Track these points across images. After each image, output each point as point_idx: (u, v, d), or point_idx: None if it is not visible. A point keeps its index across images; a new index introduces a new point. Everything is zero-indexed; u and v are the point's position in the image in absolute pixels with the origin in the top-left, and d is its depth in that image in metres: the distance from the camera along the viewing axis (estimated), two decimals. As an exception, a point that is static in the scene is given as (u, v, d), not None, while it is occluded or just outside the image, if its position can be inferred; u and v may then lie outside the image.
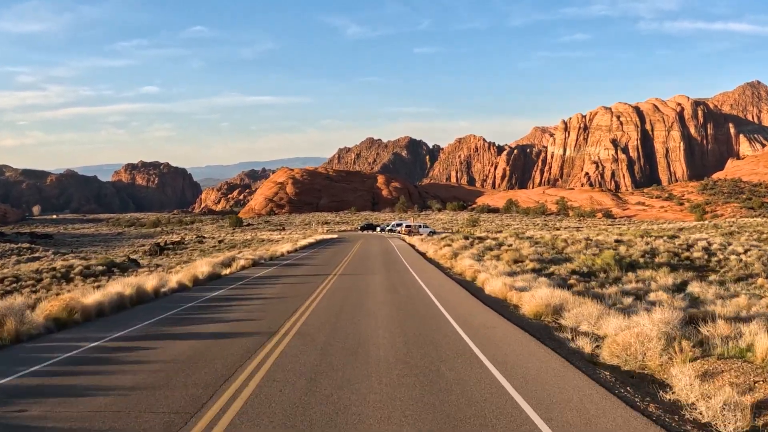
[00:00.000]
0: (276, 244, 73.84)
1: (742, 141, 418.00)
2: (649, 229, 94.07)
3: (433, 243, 52.34)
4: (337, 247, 63.16)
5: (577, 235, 62.16)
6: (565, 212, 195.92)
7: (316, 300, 22.08)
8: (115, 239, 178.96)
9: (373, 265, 37.67)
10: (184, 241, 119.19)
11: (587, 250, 41.30)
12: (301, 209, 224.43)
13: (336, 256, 46.81)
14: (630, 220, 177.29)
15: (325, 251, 55.24)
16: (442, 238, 55.45)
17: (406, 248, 56.06)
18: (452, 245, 44.93)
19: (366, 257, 45.20)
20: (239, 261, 39.00)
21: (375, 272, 32.44)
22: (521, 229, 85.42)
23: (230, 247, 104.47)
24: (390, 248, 56.59)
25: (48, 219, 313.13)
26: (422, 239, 59.81)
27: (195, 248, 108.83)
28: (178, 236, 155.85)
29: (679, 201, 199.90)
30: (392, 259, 42.74)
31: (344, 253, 51.12)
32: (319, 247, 62.97)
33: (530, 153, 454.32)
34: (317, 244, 72.30)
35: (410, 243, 63.62)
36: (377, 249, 56.22)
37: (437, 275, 31.14)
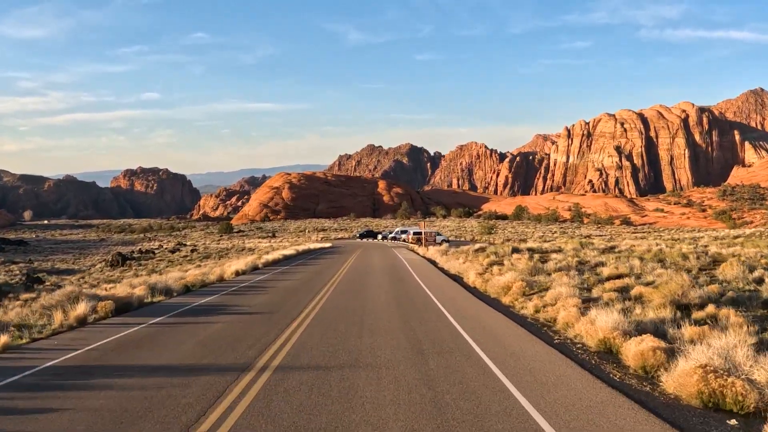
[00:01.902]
0: (239, 258, 54.68)
1: (748, 148, 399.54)
2: (695, 236, 75.20)
3: (463, 258, 33.48)
4: (323, 262, 44.24)
5: (646, 244, 43.38)
6: (579, 219, 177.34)
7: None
8: (94, 246, 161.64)
9: (375, 313, 18.44)
10: (154, 250, 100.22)
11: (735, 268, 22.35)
12: (297, 215, 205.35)
13: (311, 283, 27.85)
14: (652, 227, 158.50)
15: (300, 271, 36.01)
16: (476, 250, 36.36)
17: (423, 266, 37.12)
18: (505, 263, 25.96)
19: (361, 287, 26.06)
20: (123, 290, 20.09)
21: (380, 352, 13.29)
22: (568, 237, 66.39)
23: (203, 258, 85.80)
24: (399, 265, 37.67)
25: (39, 224, 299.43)
26: (443, 252, 40.81)
27: (164, 258, 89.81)
28: (159, 243, 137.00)
29: (701, 207, 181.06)
30: (410, 290, 23.82)
31: (329, 273, 32.32)
32: (297, 263, 44.01)
33: (532, 160, 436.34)
34: (299, 256, 53.14)
35: (426, 256, 44.76)
36: (380, 266, 37.47)
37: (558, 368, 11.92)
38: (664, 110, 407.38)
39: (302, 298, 21.80)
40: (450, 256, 36.41)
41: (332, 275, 31.03)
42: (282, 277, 31.89)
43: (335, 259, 45.67)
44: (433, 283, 26.35)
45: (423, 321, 16.21)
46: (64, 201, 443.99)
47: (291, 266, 39.82)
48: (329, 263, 41.38)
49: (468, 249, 37.30)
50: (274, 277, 31.97)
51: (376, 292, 22.97)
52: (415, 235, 74.50)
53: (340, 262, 41.67)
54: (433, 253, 42.91)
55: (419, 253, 50.51)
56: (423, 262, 40.11)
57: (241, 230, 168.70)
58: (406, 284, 26.26)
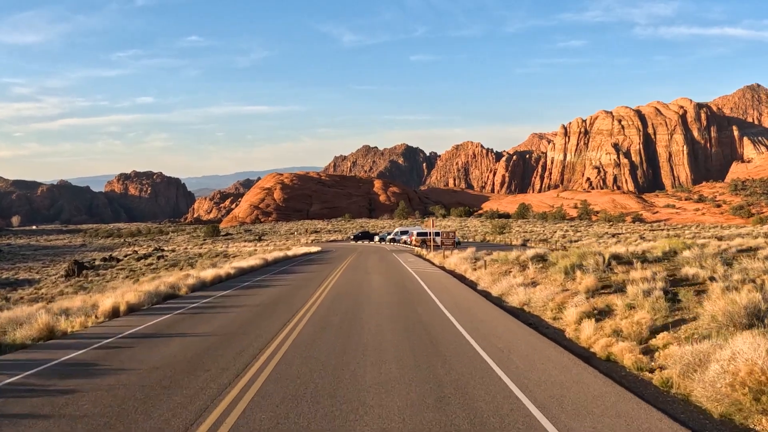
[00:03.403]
0: (176, 273, 40.71)
1: (746, 144, 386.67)
2: (740, 233, 61.77)
3: (518, 273, 19.70)
4: (291, 280, 30.31)
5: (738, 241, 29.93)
6: (587, 216, 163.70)
7: None
8: (73, 251, 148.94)
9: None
10: (118, 258, 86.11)
11: None
12: (289, 217, 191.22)
13: (251, 327, 13.95)
14: (667, 224, 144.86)
15: (234, 308, 21.91)
16: (535, 259, 21.99)
17: (453, 289, 22.54)
18: (629, 291, 12.25)
19: (335, 383, 10.78)
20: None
21: None
22: (634, 236, 52.62)
23: (170, 265, 71.82)
24: (414, 288, 23.16)
25: (27, 230, 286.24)
26: (469, 259, 26.85)
27: (126, 266, 75.74)
28: (134, 249, 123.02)
29: (716, 203, 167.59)
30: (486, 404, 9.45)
31: (281, 314, 18.39)
32: (252, 281, 30.17)
33: (529, 159, 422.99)
34: (266, 268, 39.13)
35: (444, 267, 30.79)
36: (381, 288, 23.58)
37: None
38: (662, 107, 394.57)
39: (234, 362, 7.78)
40: (488, 268, 22.54)
41: (283, 324, 16.90)
42: (217, 313, 18.00)
43: (312, 275, 31.74)
44: (532, 365, 10.85)
45: None
46: (57, 206, 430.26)
47: (233, 292, 25.74)
48: (300, 282, 27.57)
49: (512, 257, 23.51)
50: (208, 308, 18.07)
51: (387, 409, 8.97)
52: (420, 237, 60.59)
53: (316, 281, 27.79)
54: (457, 262, 29.01)
55: (431, 260, 36.62)
56: (446, 278, 26.10)
57: (229, 233, 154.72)
58: (460, 364, 11.10)
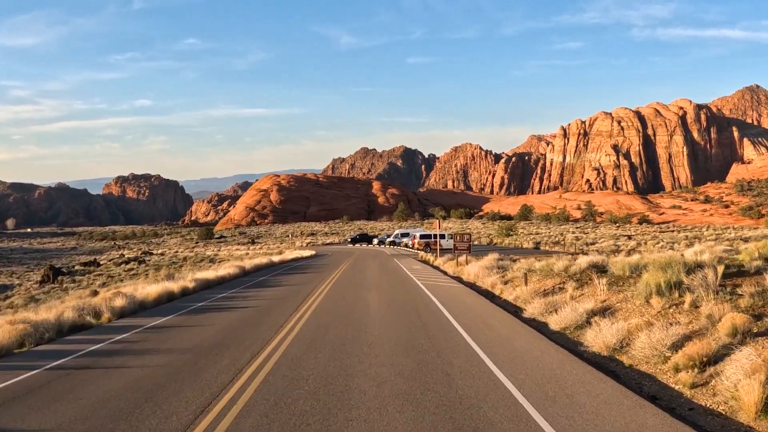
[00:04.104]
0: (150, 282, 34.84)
1: (747, 145, 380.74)
2: (764, 234, 55.79)
3: (575, 290, 13.59)
4: (271, 295, 24.17)
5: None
6: (592, 218, 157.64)
7: None
8: (63, 254, 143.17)
9: None
10: (99, 262, 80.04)
11: None
12: (286, 219, 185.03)
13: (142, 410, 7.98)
14: (676, 225, 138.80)
15: (197, 328, 15.64)
16: (595, 270, 15.58)
17: (476, 307, 16.17)
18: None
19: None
20: None
21: None
22: (648, 239, 46.55)
23: (152, 270, 65.84)
24: (432, 317, 16.20)
25: (21, 232, 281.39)
26: (493, 269, 20.67)
27: (104, 272, 69.62)
28: (121, 253, 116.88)
29: (724, 204, 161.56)
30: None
31: (245, 352, 12.36)
32: (225, 294, 24.01)
33: (528, 160, 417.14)
34: (245, 276, 32.96)
35: (462, 278, 24.43)
36: (387, 312, 17.34)
37: None
38: (662, 108, 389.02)
39: None
40: (529, 284, 16.22)
41: (206, 404, 10.56)
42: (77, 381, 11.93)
43: (291, 291, 25.32)
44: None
45: None
46: (55, 209, 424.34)
47: (171, 320, 19.44)
48: (270, 304, 21.20)
49: (558, 267, 17.20)
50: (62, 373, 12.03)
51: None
52: (423, 239, 54.45)
53: (293, 302, 21.43)
54: (477, 272, 22.75)
55: (440, 268, 30.45)
56: (471, 297, 19.39)
57: (223, 236, 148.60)
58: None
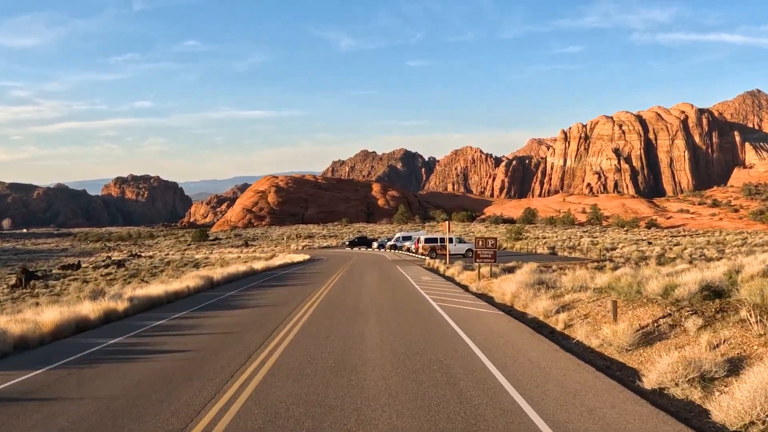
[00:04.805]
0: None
1: (748, 149, 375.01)
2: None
3: (682, 324, 7.78)
4: (224, 325, 18.22)
5: None
6: (598, 221, 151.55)
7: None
8: (52, 255, 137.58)
9: None
10: (75, 265, 74.07)
11: None
12: (284, 221, 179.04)
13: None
14: (685, 229, 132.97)
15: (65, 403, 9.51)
16: (693, 297, 9.71)
17: (560, 375, 9.60)
18: None
19: None
20: None
21: None
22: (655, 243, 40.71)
23: (130, 276, 59.81)
24: (490, 406, 7.99)
25: (17, 233, 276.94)
26: (550, 296, 14.19)
27: (80, 277, 63.62)
28: (106, 255, 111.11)
29: (733, 208, 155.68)
30: None
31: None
32: (160, 322, 17.94)
33: (529, 164, 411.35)
34: (210, 290, 26.96)
35: (484, 294, 18.32)
36: (397, 381, 11.42)
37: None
38: (663, 112, 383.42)
39: None
40: (621, 322, 10.15)
41: None
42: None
43: (259, 317, 18.72)
44: None
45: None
46: (54, 209, 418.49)
47: (43, 375, 13.53)
48: (217, 345, 14.97)
49: (653, 289, 11.25)
50: None
51: None
52: (428, 243, 48.57)
53: (250, 344, 15.40)
54: (517, 291, 16.42)
55: (454, 279, 24.44)
56: (525, 338, 11.95)
57: (218, 238, 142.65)
58: None
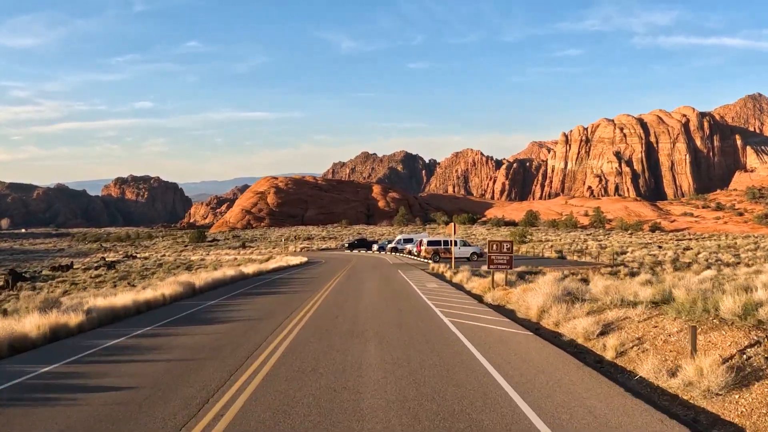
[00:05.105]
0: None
1: (750, 153, 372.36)
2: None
3: None
4: (177, 358, 15.44)
5: None
6: (601, 224, 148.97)
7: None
8: (46, 256, 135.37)
9: None
10: (65, 266, 71.53)
11: None
12: (283, 222, 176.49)
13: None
14: (690, 232, 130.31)
15: None
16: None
17: None
18: None
19: None
20: None
21: None
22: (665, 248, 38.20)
23: (119, 278, 57.34)
24: None
25: (15, 232, 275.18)
26: (594, 320, 11.32)
27: (68, 279, 61.07)
28: (101, 256, 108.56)
29: (738, 211, 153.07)
30: None
31: None
32: (104, 345, 15.05)
33: (529, 167, 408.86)
34: (186, 299, 24.37)
35: (500, 305, 15.47)
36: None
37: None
38: (665, 115, 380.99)
39: None
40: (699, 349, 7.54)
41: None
42: None
43: (236, 333, 15.58)
44: None
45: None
46: (53, 209, 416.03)
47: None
48: (166, 384, 12.51)
49: (728, 307, 8.62)
50: None
51: None
52: (431, 246, 46.08)
53: (189, 395, 12.80)
54: (544, 304, 12.91)
55: (468, 289, 21.65)
56: (571, 374, 9.93)
57: (216, 239, 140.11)
58: None
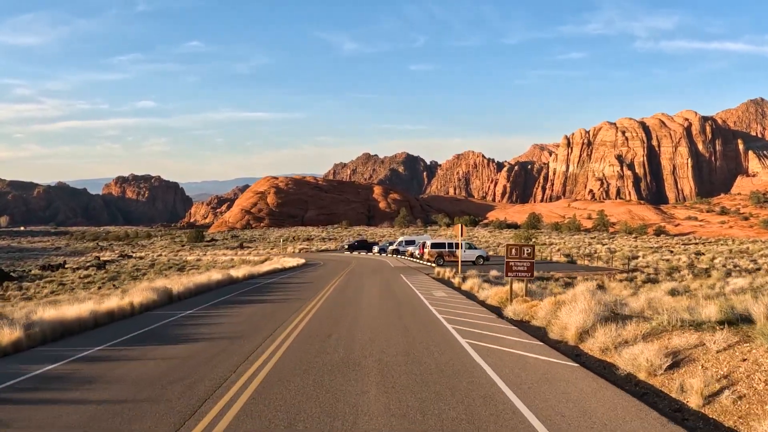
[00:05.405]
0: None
1: (752, 157, 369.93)
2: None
3: None
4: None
5: None
6: (604, 228, 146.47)
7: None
8: (41, 254, 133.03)
9: None
10: (54, 266, 69.21)
11: None
12: (283, 223, 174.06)
13: None
14: (695, 236, 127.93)
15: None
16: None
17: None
18: None
19: None
20: None
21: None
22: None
23: (108, 279, 54.94)
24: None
25: (14, 230, 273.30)
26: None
27: (58, 278, 58.65)
28: (95, 255, 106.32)
29: (743, 216, 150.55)
30: None
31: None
32: (40, 371, 12.85)
33: (531, 169, 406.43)
34: (156, 308, 21.81)
35: (525, 320, 13.21)
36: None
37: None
38: (667, 119, 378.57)
39: None
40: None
41: None
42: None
43: (200, 357, 12.83)
44: None
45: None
46: (53, 208, 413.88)
47: None
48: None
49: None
50: None
51: None
52: (435, 249, 43.64)
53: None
54: (583, 323, 10.49)
55: (481, 299, 19.11)
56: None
57: (214, 239, 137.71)
58: None
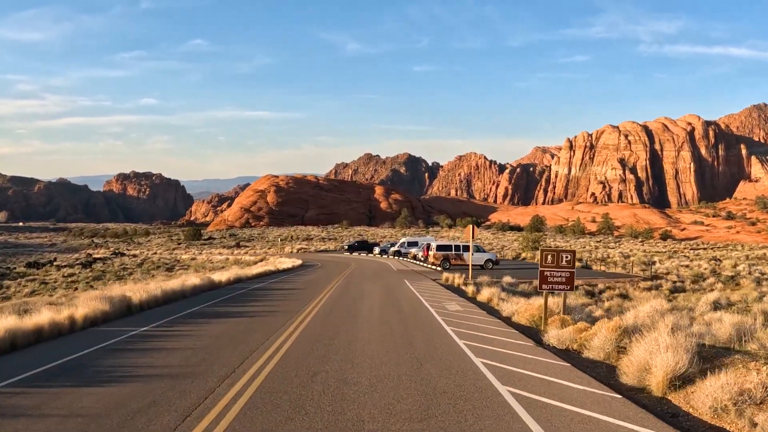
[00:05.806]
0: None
1: (754, 162, 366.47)
2: None
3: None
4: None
5: None
6: (609, 231, 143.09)
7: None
8: (36, 250, 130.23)
9: None
10: (39, 264, 65.97)
11: None
12: (282, 222, 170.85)
13: None
14: (703, 241, 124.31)
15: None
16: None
17: None
18: None
19: None
20: None
21: None
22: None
23: (94, 279, 51.73)
24: None
25: (12, 226, 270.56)
26: None
27: (41, 277, 55.48)
28: (87, 252, 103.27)
29: (750, 221, 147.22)
30: None
31: None
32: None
33: (533, 172, 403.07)
34: (94, 330, 18.47)
35: (591, 358, 10.01)
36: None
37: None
38: (670, 123, 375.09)
39: None
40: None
41: None
42: None
43: (130, 410, 10.37)
44: None
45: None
46: (54, 204, 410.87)
47: None
48: None
49: None
50: None
51: None
52: (441, 252, 40.37)
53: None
54: (674, 364, 7.73)
55: (506, 315, 15.80)
56: None
57: (211, 237, 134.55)
58: None
